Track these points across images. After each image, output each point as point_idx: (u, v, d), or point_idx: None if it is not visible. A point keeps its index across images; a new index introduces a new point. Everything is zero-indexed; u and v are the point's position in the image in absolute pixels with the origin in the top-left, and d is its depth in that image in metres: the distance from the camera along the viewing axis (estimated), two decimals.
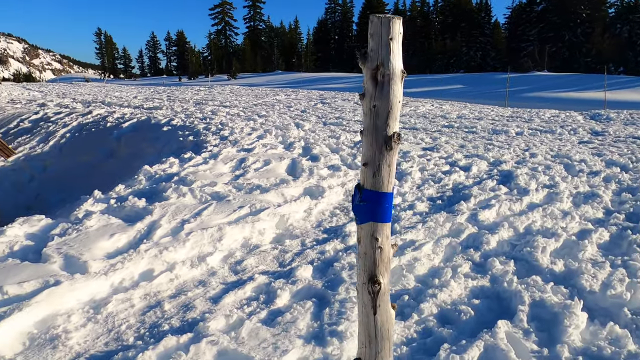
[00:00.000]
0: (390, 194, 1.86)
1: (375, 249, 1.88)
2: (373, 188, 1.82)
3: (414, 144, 10.77)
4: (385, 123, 1.76)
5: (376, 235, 1.86)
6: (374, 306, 1.93)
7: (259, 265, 4.36)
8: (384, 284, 1.94)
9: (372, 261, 1.90)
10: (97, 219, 4.84)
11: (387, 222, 1.89)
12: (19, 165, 14.16)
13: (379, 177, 1.80)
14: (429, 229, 5.07)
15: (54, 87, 40.73)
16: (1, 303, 3.30)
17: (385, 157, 1.78)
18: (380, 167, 1.79)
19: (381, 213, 1.84)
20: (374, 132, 1.78)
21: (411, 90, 36.38)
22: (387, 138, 1.77)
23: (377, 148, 1.78)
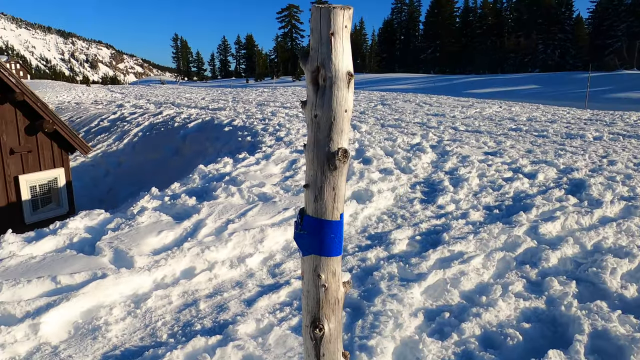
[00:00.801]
0: (336, 223, 1.56)
1: (319, 288, 1.59)
2: (315, 215, 1.54)
3: (475, 147, 10.19)
4: (328, 137, 1.45)
5: (319, 271, 1.58)
6: (317, 355, 1.64)
7: (297, 269, 4.30)
8: (330, 329, 1.63)
9: (315, 301, 1.60)
10: (149, 215, 5.07)
11: (334, 256, 1.59)
12: (97, 162, 15.42)
13: (320, 201, 1.51)
14: (481, 241, 4.71)
15: (133, 89, 44.06)
16: (53, 292, 3.53)
17: (328, 178, 1.48)
18: (322, 190, 1.50)
19: (325, 245, 1.55)
20: (314, 147, 1.49)
21: (478, 91, 34.72)
22: (329, 155, 1.46)
23: (318, 167, 1.49)
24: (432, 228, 5.32)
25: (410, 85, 44.30)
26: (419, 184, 7.29)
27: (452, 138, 11.39)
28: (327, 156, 1.47)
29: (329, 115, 1.45)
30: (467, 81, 44.37)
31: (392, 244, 4.76)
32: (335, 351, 1.68)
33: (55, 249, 4.37)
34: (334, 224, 1.55)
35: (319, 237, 1.55)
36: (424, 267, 4.15)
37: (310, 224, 1.56)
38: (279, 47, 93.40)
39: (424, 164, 8.49)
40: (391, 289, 3.72)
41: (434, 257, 4.35)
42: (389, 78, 55.31)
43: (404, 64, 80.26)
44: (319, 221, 1.54)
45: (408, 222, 5.60)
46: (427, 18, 78.70)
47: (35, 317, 3.19)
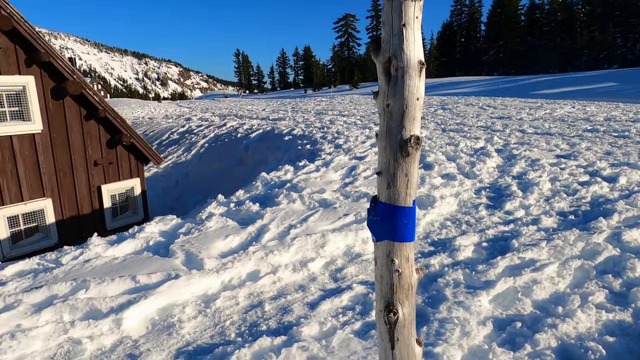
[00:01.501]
0: (409, 209, 1.58)
1: (392, 272, 1.62)
2: (388, 201, 1.57)
3: (545, 150, 9.60)
4: (400, 125, 1.50)
5: (392, 256, 1.61)
6: (391, 339, 1.66)
7: (359, 274, 4.29)
8: (404, 314, 1.65)
9: (389, 286, 1.63)
10: (216, 220, 5.32)
11: (408, 242, 1.61)
12: (168, 172, 16.45)
13: (394, 188, 1.55)
14: (555, 248, 4.41)
15: (199, 104, 46.59)
16: (133, 290, 3.82)
17: (400, 165, 1.52)
18: (395, 176, 1.53)
19: (398, 231, 1.57)
20: (387, 135, 1.54)
21: (548, 91, 32.71)
22: (402, 142, 1.51)
23: (391, 154, 1.53)
24: (500, 234, 5.07)
25: (472, 88, 42.72)
26: (485, 189, 6.99)
27: (519, 141, 10.82)
28: (399, 144, 1.51)
29: (401, 104, 1.49)
30: (535, 81, 41.94)
31: (457, 251, 4.60)
32: (410, 336, 1.68)
33: (134, 251, 4.73)
34: (406, 210, 1.58)
35: (392, 223, 1.58)
36: (492, 274, 3.97)
37: (384, 210, 1.59)
38: (336, 56, 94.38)
39: (489, 169, 8.14)
40: (457, 296, 3.60)
41: (502, 264, 4.15)
42: (449, 82, 53.76)
43: (465, 67, 77.69)
44: (392, 207, 1.57)
45: (473, 228, 5.39)
46: (489, 18, 75.78)
47: (118, 312, 3.46)
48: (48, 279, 3.96)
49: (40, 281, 3.93)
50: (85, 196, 10.70)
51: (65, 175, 10.20)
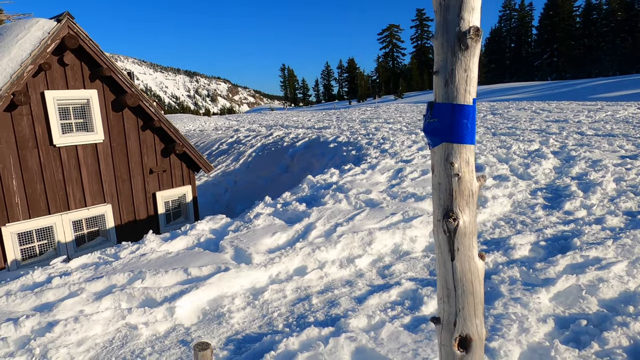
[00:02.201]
0: (469, 107, 1.48)
1: (451, 177, 1.51)
2: (445, 100, 1.49)
3: (608, 151, 8.98)
4: (458, 16, 1.43)
5: (451, 159, 1.50)
6: (451, 250, 1.55)
7: (407, 271, 4.18)
8: (465, 221, 1.53)
9: (448, 193, 1.53)
10: (264, 219, 5.40)
11: (467, 144, 1.51)
12: (218, 180, 17.00)
13: (452, 85, 1.46)
14: (623, 247, 4.08)
15: (247, 117, 48.00)
16: (185, 281, 3.94)
17: (459, 60, 1.44)
18: (453, 72, 1.46)
19: (456, 131, 1.48)
20: (444, 30, 1.47)
21: (608, 94, 30.80)
22: (460, 35, 1.43)
23: (448, 49, 1.46)
24: (560, 234, 4.77)
25: (524, 94, 41.03)
26: (541, 190, 6.63)
27: (578, 143, 10.21)
28: (458, 36, 1.45)
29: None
30: (593, 85, 39.61)
31: (512, 249, 4.37)
32: (471, 247, 1.58)
33: (186, 246, 4.89)
34: (466, 108, 1.49)
35: (451, 122, 1.50)
36: (551, 272, 3.73)
37: (441, 109, 1.51)
38: (380, 67, 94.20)
39: (545, 170, 7.73)
40: (513, 293, 3.40)
41: (563, 262, 3.89)
42: (498, 89, 51.97)
43: (515, 74, 74.92)
44: (450, 106, 1.50)
45: (529, 228, 5.11)
46: (541, 22, 72.81)
47: (171, 301, 3.58)
48: (108, 270, 4.17)
49: (100, 272, 4.15)
50: (142, 202, 11.26)
51: (123, 182, 10.80)
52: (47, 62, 8.96)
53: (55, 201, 9.63)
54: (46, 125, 9.27)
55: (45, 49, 8.86)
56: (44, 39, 8.89)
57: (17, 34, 9.14)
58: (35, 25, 9.20)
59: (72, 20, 9.27)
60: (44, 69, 9.01)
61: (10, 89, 8.44)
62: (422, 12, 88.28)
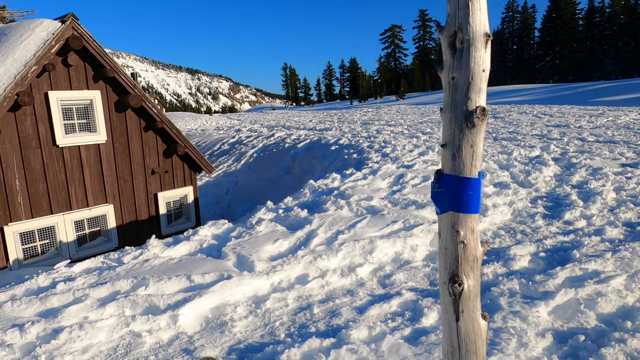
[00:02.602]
0: (474, 180, 1.57)
1: (457, 244, 1.60)
2: (453, 172, 1.58)
3: (608, 159, 9.02)
4: (466, 96, 1.52)
5: (457, 227, 1.59)
6: (456, 311, 1.65)
7: (408, 281, 4.23)
8: (469, 285, 1.62)
9: (453, 258, 1.62)
10: (266, 225, 5.44)
11: (473, 213, 1.60)
12: (219, 181, 17.04)
13: (459, 159, 1.55)
14: (622, 260, 4.12)
15: (248, 116, 48.02)
16: (188, 289, 3.98)
17: (466, 136, 1.53)
18: (460, 147, 1.54)
19: (463, 201, 1.57)
20: (452, 107, 1.56)
21: (610, 98, 30.82)
22: (467, 114, 1.51)
23: (456, 126, 1.54)
24: (559, 245, 4.81)
25: (526, 96, 41.04)
26: (541, 199, 6.67)
27: (579, 149, 10.24)
28: (465, 115, 1.52)
29: (467, 76, 1.52)
30: (595, 88, 39.61)
31: (512, 260, 4.41)
32: (475, 309, 1.66)
33: (189, 252, 4.93)
34: (472, 181, 1.57)
35: (457, 194, 1.58)
36: (551, 285, 3.77)
37: (448, 181, 1.60)
38: (382, 67, 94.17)
39: (545, 177, 7.76)
40: (513, 306, 3.45)
41: (562, 275, 3.93)
42: (500, 91, 51.97)
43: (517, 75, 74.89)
44: (457, 178, 1.58)
45: (529, 238, 5.15)
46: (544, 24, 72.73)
47: (174, 309, 3.62)
48: (112, 276, 4.22)
49: (104, 278, 4.19)
50: (143, 203, 11.30)
51: (125, 183, 10.84)
52: (51, 63, 9.00)
53: (57, 201, 9.68)
54: (49, 125, 9.31)
55: (49, 50, 8.90)
56: (49, 40, 8.93)
57: (21, 34, 9.18)
58: (39, 26, 9.24)
59: (77, 22, 9.31)
60: (48, 70, 9.05)
61: (15, 89, 8.48)
62: (424, 13, 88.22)
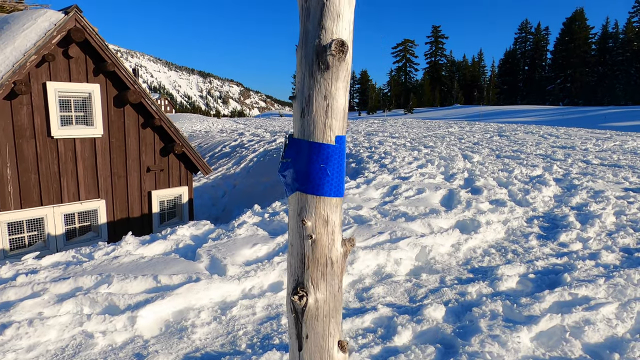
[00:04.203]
0: (328, 148, 1.10)
1: (304, 239, 1.14)
2: (300, 135, 1.13)
3: (612, 182, 8.75)
4: (319, 25, 1.06)
5: (303, 215, 1.13)
6: (299, 335, 1.20)
7: (386, 295, 4.00)
8: (318, 300, 1.15)
9: (299, 259, 1.16)
10: (247, 228, 5.25)
11: (327, 196, 1.12)
12: (217, 183, 16.89)
13: (308, 116, 1.10)
14: (615, 287, 3.87)
15: (255, 121, 48.09)
16: (153, 290, 3.78)
17: (318, 83, 1.08)
18: (310, 99, 1.09)
19: (311, 177, 1.10)
20: (304, 43, 1.11)
21: (620, 124, 30.50)
22: (320, 50, 1.06)
23: (306, 68, 1.09)
24: (551, 267, 4.57)
25: (535, 117, 40.77)
26: (537, 218, 6.43)
27: (582, 171, 9.98)
28: (316, 51, 1.07)
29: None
30: (605, 113, 39.28)
31: (499, 280, 4.17)
32: (326, 335, 1.18)
33: (163, 251, 4.74)
34: (324, 149, 1.11)
35: (305, 166, 1.12)
36: (536, 309, 3.53)
37: (296, 147, 1.15)
38: (393, 80, 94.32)
39: (544, 197, 7.52)
40: (493, 329, 3.21)
41: (550, 299, 3.69)
42: (509, 110, 51.71)
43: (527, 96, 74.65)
44: (306, 144, 1.12)
45: (521, 258, 4.91)
46: (557, 47, 72.63)
47: (134, 310, 3.42)
48: (77, 271, 4.03)
49: (69, 273, 4.01)
50: (136, 200, 11.15)
51: (119, 179, 10.71)
52: (51, 54, 8.93)
53: (48, 193, 9.55)
54: (45, 116, 9.22)
55: (50, 40, 8.84)
56: (50, 30, 8.88)
57: (23, 23, 9.14)
58: (42, 16, 9.21)
59: (80, 14, 9.26)
60: (48, 60, 8.99)
61: (12, 77, 8.41)
62: (437, 29, 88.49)
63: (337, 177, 1.15)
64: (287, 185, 1.19)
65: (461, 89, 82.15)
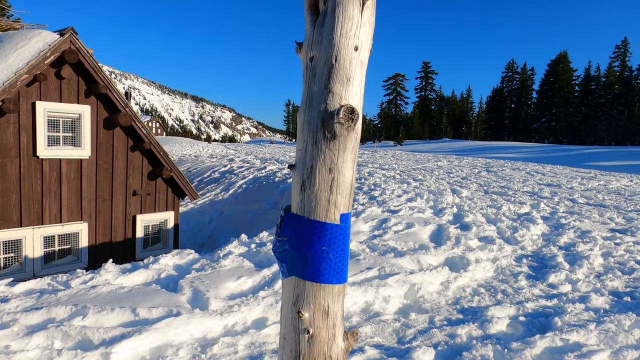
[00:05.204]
0: (332, 228, 0.93)
1: (299, 333, 0.98)
2: (300, 212, 0.97)
3: (598, 222, 8.82)
4: (326, 88, 0.91)
5: (300, 306, 0.98)
6: None
7: (374, 336, 3.87)
8: None
9: (292, 357, 0.99)
10: (233, 260, 5.11)
11: (329, 283, 0.96)
12: (204, 209, 16.66)
13: (309, 190, 0.94)
14: (606, 333, 3.80)
15: (245, 147, 48.18)
16: (130, 323, 3.60)
17: (323, 153, 0.92)
18: (313, 171, 0.94)
19: (311, 263, 0.93)
20: (307, 106, 0.96)
21: (603, 163, 31.21)
22: (326, 115, 0.91)
23: (309, 135, 0.94)
24: (541, 309, 4.49)
25: (521, 154, 41.58)
26: (526, 257, 6.39)
27: (568, 210, 10.07)
28: (322, 118, 0.91)
29: (329, 54, 0.91)
30: (589, 152, 40.25)
31: (489, 322, 4.08)
32: None
33: (143, 282, 4.57)
34: (327, 229, 0.94)
35: (304, 248, 0.95)
36: (527, 355, 3.43)
37: (292, 225, 0.97)
38: (383, 112, 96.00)
39: (532, 236, 7.52)
40: None
41: (541, 344, 3.60)
42: (496, 146, 52.73)
43: (514, 133, 76.40)
44: (305, 222, 0.95)
45: (510, 299, 4.83)
46: (542, 86, 75.10)
47: (108, 346, 3.23)
48: (50, 300, 3.84)
49: (42, 302, 3.81)
50: (120, 224, 10.90)
51: (104, 202, 10.48)
52: (43, 73, 8.88)
53: (29, 214, 9.29)
54: (32, 135, 9.07)
55: (43, 60, 8.81)
56: (44, 51, 8.86)
57: (17, 42, 9.12)
58: (37, 36, 9.21)
59: (75, 36, 9.28)
60: (39, 80, 8.92)
61: (1, 95, 8.30)
62: (427, 65, 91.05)
63: (340, 261, 0.97)
64: (283, 267, 1.00)
65: (450, 123, 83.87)
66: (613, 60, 71.04)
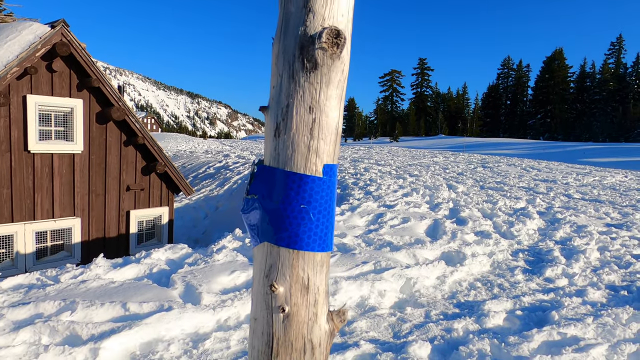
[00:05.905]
0: (312, 180, 0.76)
1: (272, 312, 0.82)
2: (273, 163, 0.80)
3: (594, 217, 8.81)
4: (305, 7, 0.73)
5: (274, 277, 0.81)
6: None
7: (369, 330, 3.81)
8: None
9: (264, 341, 0.82)
10: (226, 254, 5.03)
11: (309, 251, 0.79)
12: (199, 204, 16.55)
13: (285, 135, 0.77)
14: (604, 327, 3.76)
15: (241, 143, 47.99)
16: (121, 318, 3.52)
17: (301, 87, 0.74)
18: (288, 111, 0.76)
19: (288, 223, 0.77)
20: (283, 31, 0.77)
21: (598, 159, 31.32)
22: (305, 41, 0.73)
23: (284, 66, 0.76)
24: (538, 303, 4.45)
25: (517, 150, 41.67)
26: (523, 252, 6.36)
27: (564, 205, 10.06)
28: (300, 43, 0.73)
29: None
30: (584, 149, 40.40)
31: (486, 316, 4.03)
32: None
33: (135, 277, 4.48)
34: (306, 182, 0.77)
35: (279, 206, 0.78)
36: (525, 349, 3.38)
37: (265, 179, 0.80)
38: (379, 109, 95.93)
39: (529, 230, 7.49)
40: None
41: (539, 338, 3.55)
42: (492, 142, 52.83)
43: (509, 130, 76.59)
44: (280, 174, 0.78)
45: (507, 293, 4.79)
46: (537, 83, 75.22)
47: (97, 341, 3.15)
48: (38, 295, 3.75)
49: (30, 297, 3.72)
50: (114, 219, 10.78)
51: (97, 197, 10.36)
52: (34, 66, 8.72)
53: (20, 209, 9.15)
54: (24, 129, 8.93)
55: (34, 53, 8.65)
56: (35, 43, 8.70)
57: (7, 35, 8.96)
58: (27, 28, 9.04)
59: (67, 28, 9.13)
60: (30, 73, 8.77)
61: None
62: (424, 61, 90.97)
63: (323, 223, 0.79)
64: (253, 232, 0.81)
65: (445, 119, 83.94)
66: (608, 57, 71.26)
